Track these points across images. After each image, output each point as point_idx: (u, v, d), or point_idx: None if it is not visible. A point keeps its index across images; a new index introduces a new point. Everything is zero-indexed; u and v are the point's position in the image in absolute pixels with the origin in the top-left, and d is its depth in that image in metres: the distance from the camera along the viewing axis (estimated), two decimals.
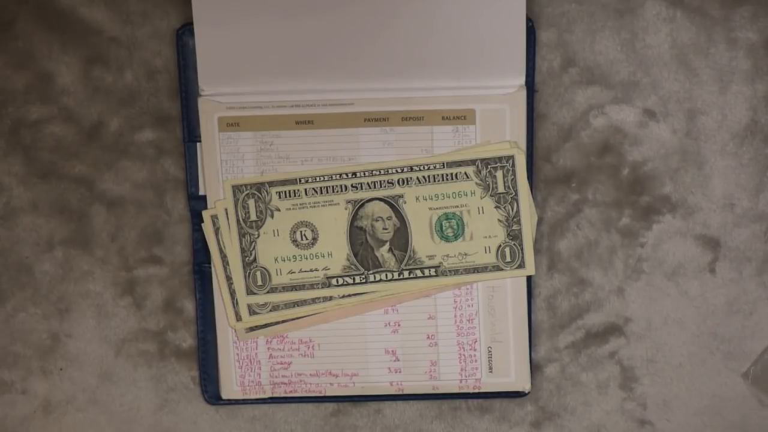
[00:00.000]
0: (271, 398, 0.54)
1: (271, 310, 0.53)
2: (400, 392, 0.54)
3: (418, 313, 0.53)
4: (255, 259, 0.52)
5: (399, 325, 0.53)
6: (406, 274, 0.52)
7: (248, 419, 0.56)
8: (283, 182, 0.52)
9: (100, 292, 0.55)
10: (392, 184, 0.52)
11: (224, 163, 0.52)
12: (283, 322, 0.53)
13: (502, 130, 0.52)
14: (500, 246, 0.52)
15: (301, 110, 0.51)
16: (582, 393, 0.55)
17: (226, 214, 0.52)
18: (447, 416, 0.56)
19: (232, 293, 0.53)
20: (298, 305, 0.53)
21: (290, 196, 0.52)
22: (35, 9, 0.52)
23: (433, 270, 0.52)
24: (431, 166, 0.51)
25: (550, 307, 0.55)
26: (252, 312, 0.53)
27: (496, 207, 0.52)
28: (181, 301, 0.55)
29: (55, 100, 0.53)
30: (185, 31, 0.51)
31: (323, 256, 0.52)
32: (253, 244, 0.52)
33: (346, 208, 0.52)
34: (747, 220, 0.54)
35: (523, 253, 0.52)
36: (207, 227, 0.52)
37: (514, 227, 0.52)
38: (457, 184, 0.51)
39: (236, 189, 0.52)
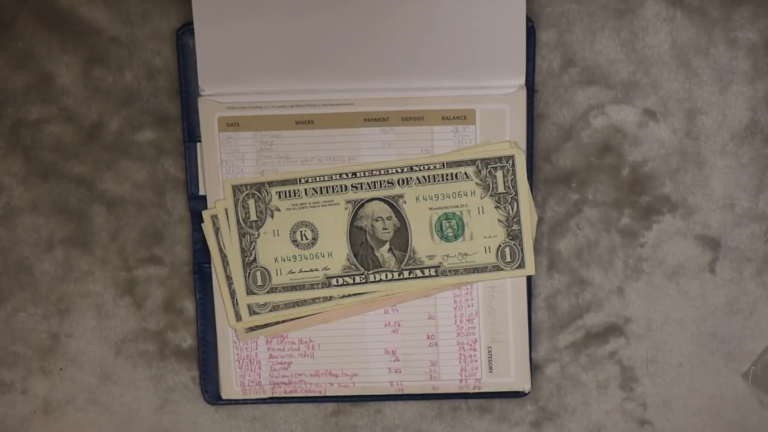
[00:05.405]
0: (271, 398, 0.54)
1: (271, 310, 0.53)
2: (400, 392, 0.54)
3: (418, 313, 0.53)
4: (255, 259, 0.52)
5: (399, 325, 0.53)
6: (406, 274, 0.52)
7: (248, 419, 0.56)
8: (283, 182, 0.52)
9: (100, 292, 0.55)
10: (392, 184, 0.52)
11: (224, 163, 0.52)
12: (283, 322, 0.53)
13: (502, 130, 0.52)
14: (500, 246, 0.52)
15: (301, 110, 0.51)
16: (582, 393, 0.55)
17: (226, 214, 0.52)
18: (447, 416, 0.56)
19: (232, 293, 0.53)
20: (298, 305, 0.53)
21: (290, 196, 0.52)
22: (35, 9, 0.52)
23: (433, 270, 0.52)
24: (431, 166, 0.51)
25: (550, 307, 0.55)
26: (252, 312, 0.53)
27: (496, 207, 0.52)
28: (181, 301, 0.55)
29: (55, 100, 0.53)
30: (185, 31, 0.51)
31: (323, 256, 0.52)
32: (253, 244, 0.52)
33: (346, 208, 0.52)
34: (747, 220, 0.54)
35: (523, 253, 0.52)
36: (207, 227, 0.52)
37: (514, 227, 0.52)
38: (457, 184, 0.51)
39: (236, 189, 0.52)
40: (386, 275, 0.52)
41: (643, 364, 0.55)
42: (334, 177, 0.51)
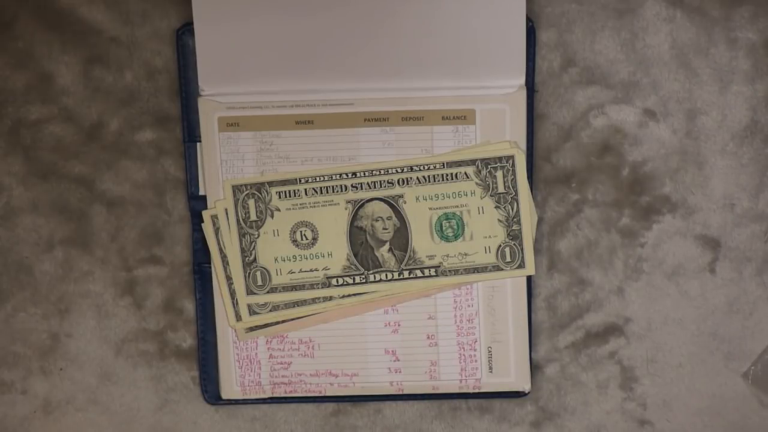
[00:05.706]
0: (271, 398, 0.54)
1: (271, 310, 0.53)
2: (400, 392, 0.54)
3: (418, 313, 0.53)
4: (255, 259, 0.52)
5: (399, 325, 0.53)
6: (406, 274, 0.52)
7: (248, 419, 0.56)
8: (283, 182, 0.52)
9: (100, 292, 0.55)
10: (392, 184, 0.52)
11: (224, 163, 0.52)
12: (283, 322, 0.53)
13: (502, 130, 0.52)
14: (500, 246, 0.52)
15: (301, 110, 0.51)
16: (582, 393, 0.55)
17: (226, 214, 0.52)
18: (447, 416, 0.56)
19: (232, 293, 0.53)
20: (298, 305, 0.53)
21: (290, 196, 0.52)
22: (35, 9, 0.52)
23: (433, 270, 0.52)
24: (431, 166, 0.51)
25: (550, 307, 0.55)
26: (252, 312, 0.53)
27: (496, 207, 0.52)
28: (181, 301, 0.55)
29: (55, 100, 0.53)
30: (185, 31, 0.51)
31: (323, 256, 0.52)
32: (253, 244, 0.52)
33: (346, 208, 0.52)
34: (747, 220, 0.54)
35: (523, 253, 0.52)
36: (207, 227, 0.52)
37: (514, 227, 0.52)
38: (457, 184, 0.52)
39: (236, 189, 0.52)
40: (386, 275, 0.52)
41: (643, 364, 0.55)
42: (334, 177, 0.51)
